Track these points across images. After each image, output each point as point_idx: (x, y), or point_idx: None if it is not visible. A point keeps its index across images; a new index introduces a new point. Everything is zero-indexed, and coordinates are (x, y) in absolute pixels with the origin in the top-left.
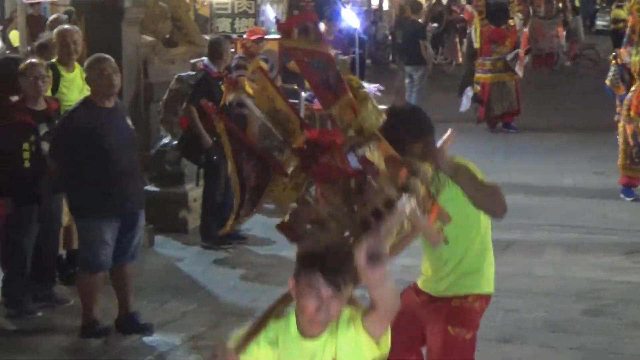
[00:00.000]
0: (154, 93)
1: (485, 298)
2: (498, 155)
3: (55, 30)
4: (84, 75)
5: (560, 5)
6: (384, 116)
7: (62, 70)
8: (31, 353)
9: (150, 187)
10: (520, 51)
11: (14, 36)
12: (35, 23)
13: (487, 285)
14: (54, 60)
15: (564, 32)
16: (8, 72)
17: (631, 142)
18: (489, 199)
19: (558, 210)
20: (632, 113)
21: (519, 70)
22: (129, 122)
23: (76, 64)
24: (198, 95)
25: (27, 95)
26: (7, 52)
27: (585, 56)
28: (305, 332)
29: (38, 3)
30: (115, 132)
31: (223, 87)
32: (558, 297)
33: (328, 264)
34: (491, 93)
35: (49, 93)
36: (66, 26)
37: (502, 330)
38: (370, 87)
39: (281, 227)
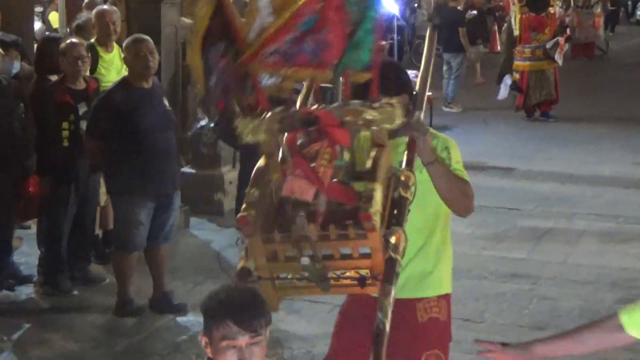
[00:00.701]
0: (192, 75)
1: (446, 298)
2: (535, 144)
3: (94, 11)
4: (122, 55)
5: None
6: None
7: (101, 51)
8: (66, 331)
9: (187, 169)
10: (561, 39)
11: (54, 17)
12: (74, 4)
13: (446, 285)
14: (92, 40)
15: (602, 22)
16: (48, 52)
17: None
18: (459, 195)
19: (596, 200)
20: None
21: (558, 58)
22: (167, 103)
23: (115, 45)
24: None
25: (66, 75)
26: (47, 33)
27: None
28: None
29: None
30: (152, 113)
31: None
32: (594, 286)
33: (239, 309)
34: (530, 81)
35: (87, 73)
36: (105, 6)
37: (537, 318)
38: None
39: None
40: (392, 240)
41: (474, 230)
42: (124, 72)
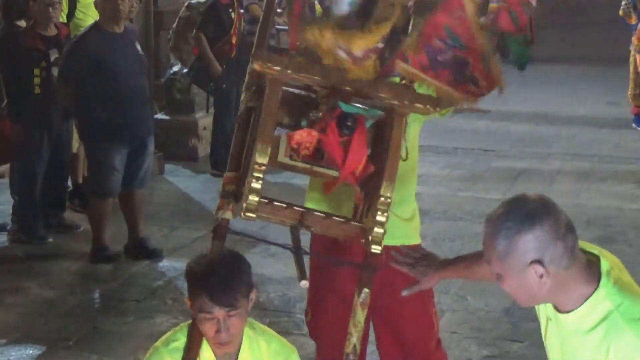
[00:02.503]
0: (164, 21)
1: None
2: (511, 86)
3: None
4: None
5: None
6: None
7: None
8: (41, 278)
9: (160, 115)
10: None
11: None
12: None
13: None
14: None
15: None
16: None
17: None
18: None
19: (571, 140)
20: (636, 41)
21: None
22: (139, 48)
23: None
24: (207, 22)
25: (37, 21)
26: None
27: None
28: (217, 354)
29: None
30: (124, 58)
31: (233, 15)
32: None
33: (214, 284)
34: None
35: (64, 19)
36: None
37: None
38: None
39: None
40: (380, 232)
41: (450, 171)
42: None
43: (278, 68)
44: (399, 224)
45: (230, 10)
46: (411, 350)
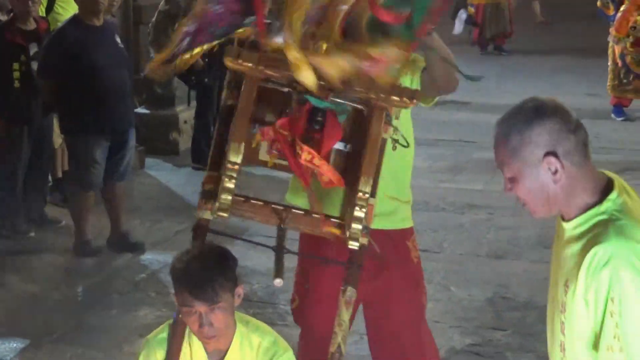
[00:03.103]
0: (143, 15)
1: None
2: (491, 77)
3: None
4: None
5: None
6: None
7: None
8: (24, 273)
9: (141, 110)
10: None
11: None
12: None
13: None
14: None
15: None
16: None
17: (619, 63)
18: (452, 77)
19: None
20: (614, 32)
21: None
22: (119, 40)
23: None
24: None
25: (16, 15)
26: None
27: None
28: (207, 349)
29: None
30: (104, 51)
31: None
32: None
33: (193, 279)
34: (485, 15)
35: (42, 12)
36: None
37: (495, 247)
38: None
39: None
40: (358, 227)
41: (431, 163)
42: None
43: (249, 64)
44: (402, 207)
45: None
46: (401, 332)
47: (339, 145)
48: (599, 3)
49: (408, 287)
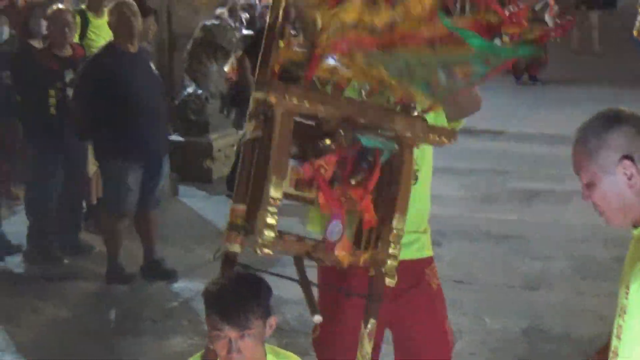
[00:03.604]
0: (178, 42)
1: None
2: (525, 107)
3: None
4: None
5: None
6: None
7: (91, 16)
8: (57, 299)
9: (175, 137)
10: (550, 1)
11: None
12: None
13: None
14: (83, 6)
15: None
16: (31, 17)
17: None
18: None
19: None
20: None
21: (548, 19)
22: (154, 67)
23: (105, 10)
24: (255, 47)
25: (53, 42)
26: None
27: None
28: None
29: None
30: (139, 77)
31: None
32: (586, 244)
33: (226, 305)
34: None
35: (76, 39)
36: None
37: (529, 278)
38: None
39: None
40: (394, 264)
41: (465, 192)
42: None
43: (295, 101)
44: (420, 237)
45: None
46: (424, 353)
47: None
48: (635, 32)
49: (428, 311)
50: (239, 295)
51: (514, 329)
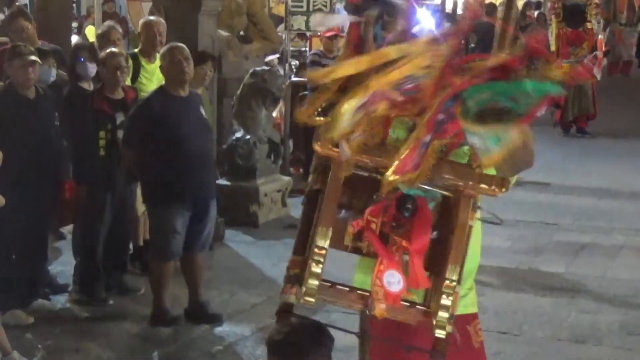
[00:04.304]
0: (228, 88)
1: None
2: (573, 159)
3: (141, 21)
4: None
5: None
6: None
7: (143, 61)
8: (101, 339)
9: (222, 181)
10: (599, 54)
11: (90, 31)
12: (110, 18)
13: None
14: (136, 50)
15: None
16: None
17: None
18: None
19: (634, 215)
20: None
21: (597, 73)
22: (203, 111)
23: (158, 56)
24: None
25: (105, 84)
26: None
27: None
28: None
29: (112, 0)
30: (189, 121)
31: None
32: (634, 299)
33: (287, 352)
34: (568, 96)
35: (128, 82)
36: (152, 17)
37: (576, 331)
38: None
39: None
40: (445, 316)
41: (512, 244)
42: None
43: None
44: (469, 293)
45: None
46: None
47: None
48: None
49: None
50: (299, 345)
51: None
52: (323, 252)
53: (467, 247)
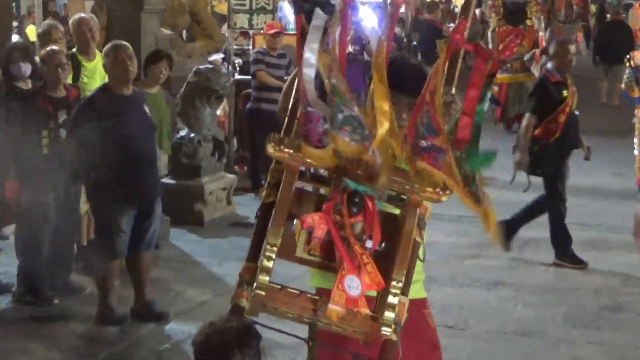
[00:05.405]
0: (171, 86)
1: None
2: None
3: (71, 20)
4: (102, 62)
5: (581, 9)
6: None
7: (82, 60)
8: (47, 340)
9: (167, 180)
10: (537, 51)
11: (31, 31)
12: (50, 18)
13: None
14: (74, 50)
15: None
16: (13, 59)
17: None
18: None
19: (577, 210)
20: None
21: (535, 70)
22: (147, 110)
23: (97, 53)
24: (541, 101)
25: (47, 83)
26: None
27: None
28: None
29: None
30: (133, 120)
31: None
32: (577, 293)
33: (209, 353)
34: (509, 93)
35: (69, 81)
36: (82, 15)
37: (521, 324)
38: None
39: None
40: (391, 316)
41: (456, 239)
42: None
43: (290, 151)
44: (419, 278)
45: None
46: None
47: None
48: (622, 85)
49: (425, 349)
50: (222, 346)
51: None
52: (274, 249)
53: (413, 261)
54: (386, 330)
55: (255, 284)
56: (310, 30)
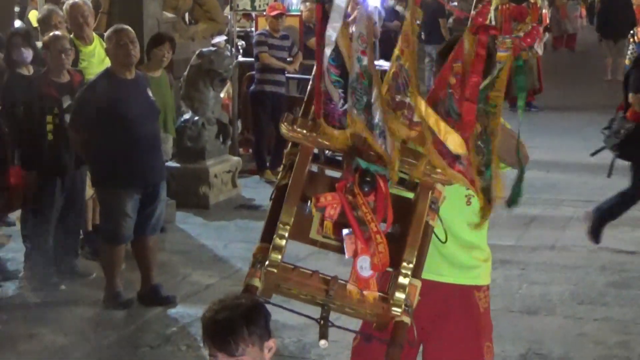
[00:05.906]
0: (174, 70)
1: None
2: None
3: (64, 6)
4: (105, 47)
5: None
6: None
7: (79, 45)
8: (54, 325)
9: (171, 163)
10: (540, 28)
11: (33, 16)
12: (54, 2)
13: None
14: (71, 36)
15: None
16: (16, 46)
17: None
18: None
19: (582, 187)
20: None
21: (538, 48)
22: (150, 94)
23: (95, 36)
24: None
25: (50, 68)
26: None
27: None
28: None
29: None
30: (136, 104)
31: None
32: (583, 269)
33: (216, 329)
34: (510, 72)
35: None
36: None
37: (528, 302)
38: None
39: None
40: (401, 297)
41: None
42: (108, 63)
43: (303, 131)
44: (481, 265)
45: None
46: None
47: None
48: (627, 60)
49: (467, 336)
50: (230, 322)
51: (513, 354)
52: (287, 227)
53: (425, 244)
54: (396, 311)
55: (267, 262)
56: (332, 8)
